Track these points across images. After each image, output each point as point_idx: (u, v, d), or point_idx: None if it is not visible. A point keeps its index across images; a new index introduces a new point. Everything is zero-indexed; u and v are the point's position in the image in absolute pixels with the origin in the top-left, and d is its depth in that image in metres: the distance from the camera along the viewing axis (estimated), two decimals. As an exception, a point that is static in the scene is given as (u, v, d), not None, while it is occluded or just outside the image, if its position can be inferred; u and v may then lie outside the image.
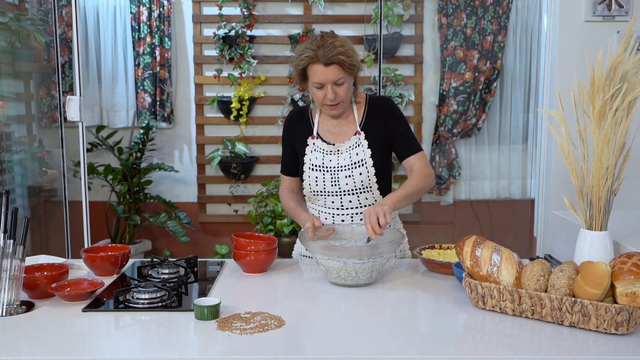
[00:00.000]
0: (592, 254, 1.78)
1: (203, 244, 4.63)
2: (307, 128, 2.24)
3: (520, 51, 4.49)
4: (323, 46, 2.03)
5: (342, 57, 2.02)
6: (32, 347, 1.47)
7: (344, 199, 2.17)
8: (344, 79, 2.06)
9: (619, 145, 1.75)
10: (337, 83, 2.06)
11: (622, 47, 1.73)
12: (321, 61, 2.03)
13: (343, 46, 2.05)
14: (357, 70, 2.12)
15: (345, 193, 2.16)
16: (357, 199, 2.17)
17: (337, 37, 2.08)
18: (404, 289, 1.89)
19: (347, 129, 2.20)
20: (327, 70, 2.04)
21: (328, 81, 2.05)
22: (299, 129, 2.25)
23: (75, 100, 3.10)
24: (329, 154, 2.17)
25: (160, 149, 4.62)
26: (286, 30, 4.50)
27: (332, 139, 2.20)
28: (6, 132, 3.70)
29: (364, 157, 2.14)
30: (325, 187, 2.17)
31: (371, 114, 2.20)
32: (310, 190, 2.20)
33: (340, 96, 2.09)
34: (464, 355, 1.43)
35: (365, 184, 2.15)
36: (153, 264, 2.04)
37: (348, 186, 2.15)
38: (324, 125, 2.23)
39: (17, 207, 1.71)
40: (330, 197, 2.18)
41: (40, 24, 3.98)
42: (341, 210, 2.18)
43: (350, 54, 2.06)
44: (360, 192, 2.16)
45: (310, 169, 2.18)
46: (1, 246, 1.67)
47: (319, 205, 2.23)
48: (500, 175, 4.66)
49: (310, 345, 1.47)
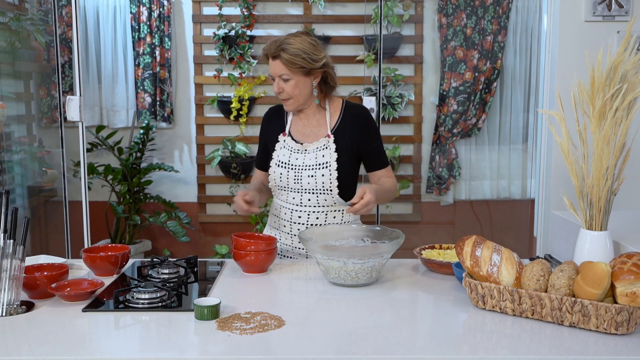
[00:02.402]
0: (592, 254, 1.78)
1: (203, 244, 4.63)
2: (281, 125, 2.33)
3: (520, 51, 4.49)
4: (276, 42, 2.17)
5: (282, 53, 2.14)
6: (32, 347, 1.47)
7: (304, 197, 2.24)
8: (288, 76, 2.17)
9: (619, 145, 1.75)
10: (282, 78, 2.18)
11: (622, 47, 1.73)
12: (270, 54, 2.18)
13: (292, 45, 2.15)
14: (310, 71, 2.18)
15: (306, 191, 2.23)
16: (317, 198, 2.23)
17: (299, 37, 2.18)
18: (404, 289, 1.89)
19: (318, 131, 2.27)
20: (273, 64, 2.18)
21: (274, 74, 2.20)
22: (274, 125, 2.35)
23: (75, 100, 3.10)
24: (296, 152, 2.25)
25: (160, 149, 4.62)
26: (286, 30, 4.49)
27: (301, 139, 2.28)
28: (6, 132, 3.70)
29: (330, 160, 2.20)
30: (288, 184, 2.25)
31: (346, 120, 2.27)
32: (275, 185, 2.29)
33: (286, 92, 2.20)
34: (464, 355, 1.43)
35: (327, 186, 2.21)
36: (153, 264, 2.04)
37: (309, 185, 2.21)
38: (297, 124, 2.31)
39: (17, 207, 1.71)
40: (291, 193, 2.26)
41: (40, 24, 3.98)
42: (300, 207, 2.25)
43: (295, 53, 2.14)
44: (320, 192, 2.22)
45: (276, 164, 2.26)
46: (1, 246, 1.67)
47: (281, 199, 2.31)
48: (500, 175, 4.66)
49: (310, 345, 1.47)
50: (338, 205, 2.25)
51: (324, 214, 2.24)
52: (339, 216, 2.26)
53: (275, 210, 2.35)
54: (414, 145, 4.59)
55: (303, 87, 2.20)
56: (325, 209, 2.24)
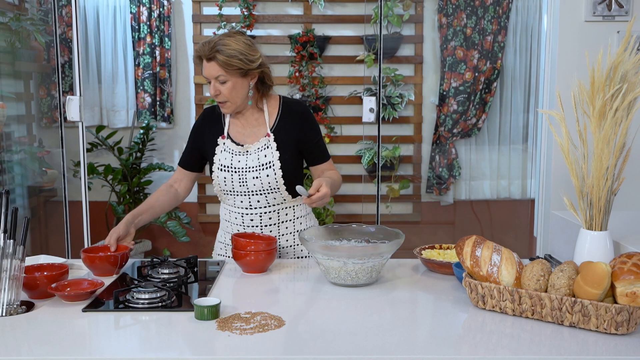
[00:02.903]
0: (592, 254, 1.78)
1: (203, 244, 4.63)
2: (218, 128, 2.26)
3: (520, 51, 4.49)
4: (209, 43, 2.09)
5: (218, 54, 2.07)
6: (32, 347, 1.47)
7: (252, 199, 2.20)
8: (225, 78, 2.10)
9: (619, 145, 1.75)
10: (219, 80, 2.11)
11: (622, 47, 1.73)
12: (204, 56, 2.10)
13: (228, 45, 2.07)
14: (247, 72, 2.12)
15: (253, 193, 2.20)
16: (266, 198, 2.20)
17: (232, 38, 2.10)
18: (404, 289, 1.89)
19: (257, 131, 2.22)
20: (208, 66, 2.11)
21: (210, 76, 2.12)
22: (210, 128, 2.28)
23: (75, 100, 3.10)
24: (237, 154, 2.20)
25: (160, 149, 4.62)
26: (286, 30, 4.49)
27: (241, 140, 2.23)
28: (6, 132, 3.70)
29: (272, 159, 2.17)
30: (233, 187, 2.20)
31: (285, 116, 2.22)
32: (220, 190, 2.24)
33: (223, 94, 2.12)
34: (464, 355, 1.43)
35: (273, 185, 2.18)
36: (153, 264, 2.04)
37: (256, 187, 2.18)
38: (235, 126, 2.25)
39: (17, 207, 1.71)
40: (239, 197, 2.22)
41: (40, 24, 3.98)
42: (250, 210, 2.22)
43: (231, 54, 2.07)
44: (268, 192, 2.19)
45: (219, 169, 2.21)
46: (1, 246, 1.67)
47: (228, 204, 2.26)
48: (500, 175, 4.66)
49: (310, 345, 1.47)
50: (288, 202, 2.23)
51: (275, 213, 2.22)
52: (290, 212, 2.25)
53: (225, 216, 2.31)
54: (414, 145, 4.59)
55: (240, 89, 2.14)
56: (277, 207, 2.22)
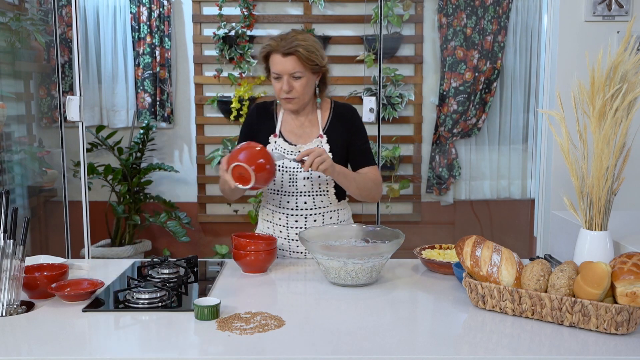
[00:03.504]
0: (592, 254, 1.78)
1: (203, 244, 4.63)
2: (270, 125, 2.24)
3: (520, 51, 4.49)
4: (285, 38, 2.09)
5: (300, 49, 2.06)
6: (32, 347, 1.47)
7: (299, 200, 2.19)
8: (301, 74, 2.09)
9: (619, 145, 1.75)
10: (294, 76, 2.09)
11: (622, 47, 1.73)
12: (280, 51, 2.08)
13: (306, 41, 2.09)
14: (319, 69, 2.14)
15: (302, 194, 2.19)
16: (313, 201, 2.19)
17: (305, 34, 2.12)
18: (404, 289, 1.89)
19: (310, 131, 2.21)
20: (285, 61, 2.08)
21: (285, 72, 2.09)
22: (263, 124, 2.25)
23: (75, 100, 3.10)
24: (289, 154, 2.17)
25: (160, 149, 4.62)
26: (286, 30, 4.48)
27: (294, 140, 2.21)
28: (6, 132, 3.70)
29: None
30: (282, 187, 2.19)
31: (336, 119, 2.22)
32: (268, 188, 2.22)
33: (296, 90, 2.11)
34: (464, 355, 1.43)
35: (323, 187, 2.18)
36: (153, 264, 2.04)
37: (305, 187, 2.17)
38: (287, 124, 2.23)
39: (17, 207, 1.71)
40: (286, 197, 2.20)
41: (40, 24, 3.98)
42: (296, 211, 2.20)
43: (311, 50, 2.09)
44: (316, 194, 2.19)
45: None
46: (1, 246, 1.67)
47: (273, 205, 2.24)
48: (500, 175, 4.66)
49: (310, 345, 1.47)
50: (334, 206, 2.24)
51: (320, 216, 2.22)
52: (335, 216, 2.25)
53: (267, 216, 2.28)
54: (414, 145, 4.59)
55: (310, 86, 2.14)
56: (322, 210, 2.22)
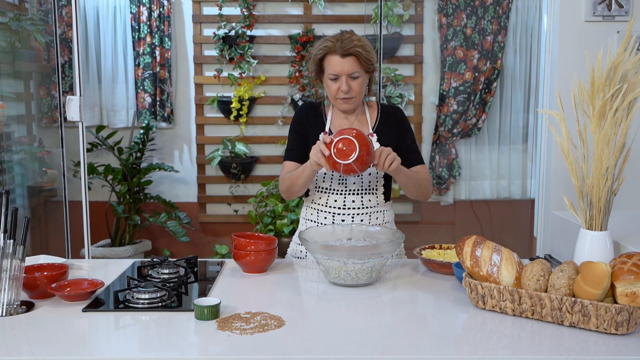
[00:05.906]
0: (592, 254, 1.78)
1: (203, 244, 4.63)
2: (320, 122, 2.25)
3: (520, 51, 4.49)
4: (342, 39, 2.09)
5: (359, 49, 2.08)
6: (32, 347, 1.47)
7: (347, 199, 2.19)
8: (359, 74, 2.11)
9: (619, 145, 1.75)
10: (352, 76, 2.11)
11: (622, 47, 1.73)
12: (338, 52, 2.08)
13: (361, 41, 2.11)
14: (373, 69, 2.17)
15: (350, 192, 2.19)
16: (361, 200, 2.19)
17: (356, 35, 2.14)
18: (404, 289, 1.89)
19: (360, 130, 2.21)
20: (344, 62, 2.09)
21: (343, 72, 2.10)
22: (313, 120, 2.24)
23: (75, 100, 3.09)
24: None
25: (160, 149, 4.62)
26: (286, 30, 4.49)
27: None
28: (6, 132, 3.70)
29: None
30: (331, 185, 2.19)
31: (384, 119, 2.24)
32: (316, 186, 2.22)
33: (353, 90, 2.12)
34: (464, 355, 1.43)
35: (372, 186, 2.19)
36: (153, 264, 2.04)
37: (355, 186, 2.18)
38: (337, 123, 2.24)
39: (17, 207, 1.71)
40: (333, 196, 2.20)
41: (40, 24, 3.98)
42: (343, 210, 2.19)
43: (368, 50, 2.11)
44: (365, 192, 2.19)
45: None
46: (1, 246, 1.67)
47: (319, 204, 2.23)
48: (500, 175, 4.66)
49: (310, 345, 1.47)
50: (380, 206, 2.23)
51: (367, 216, 2.20)
52: (381, 217, 2.23)
53: (311, 216, 2.25)
54: (414, 145, 4.59)
55: (364, 86, 2.17)
56: (369, 210, 2.21)
